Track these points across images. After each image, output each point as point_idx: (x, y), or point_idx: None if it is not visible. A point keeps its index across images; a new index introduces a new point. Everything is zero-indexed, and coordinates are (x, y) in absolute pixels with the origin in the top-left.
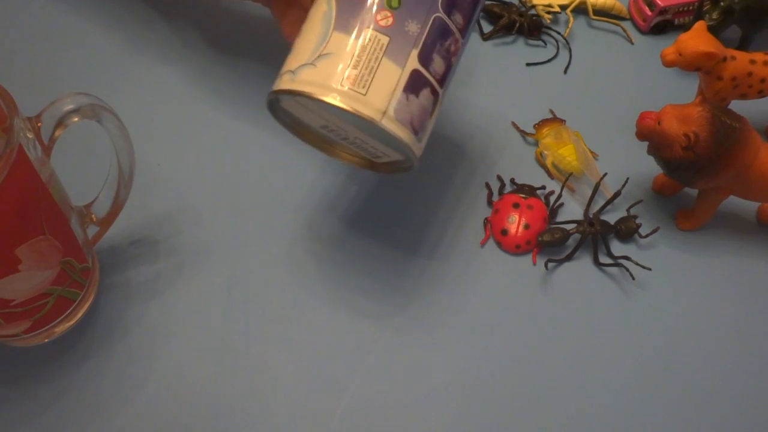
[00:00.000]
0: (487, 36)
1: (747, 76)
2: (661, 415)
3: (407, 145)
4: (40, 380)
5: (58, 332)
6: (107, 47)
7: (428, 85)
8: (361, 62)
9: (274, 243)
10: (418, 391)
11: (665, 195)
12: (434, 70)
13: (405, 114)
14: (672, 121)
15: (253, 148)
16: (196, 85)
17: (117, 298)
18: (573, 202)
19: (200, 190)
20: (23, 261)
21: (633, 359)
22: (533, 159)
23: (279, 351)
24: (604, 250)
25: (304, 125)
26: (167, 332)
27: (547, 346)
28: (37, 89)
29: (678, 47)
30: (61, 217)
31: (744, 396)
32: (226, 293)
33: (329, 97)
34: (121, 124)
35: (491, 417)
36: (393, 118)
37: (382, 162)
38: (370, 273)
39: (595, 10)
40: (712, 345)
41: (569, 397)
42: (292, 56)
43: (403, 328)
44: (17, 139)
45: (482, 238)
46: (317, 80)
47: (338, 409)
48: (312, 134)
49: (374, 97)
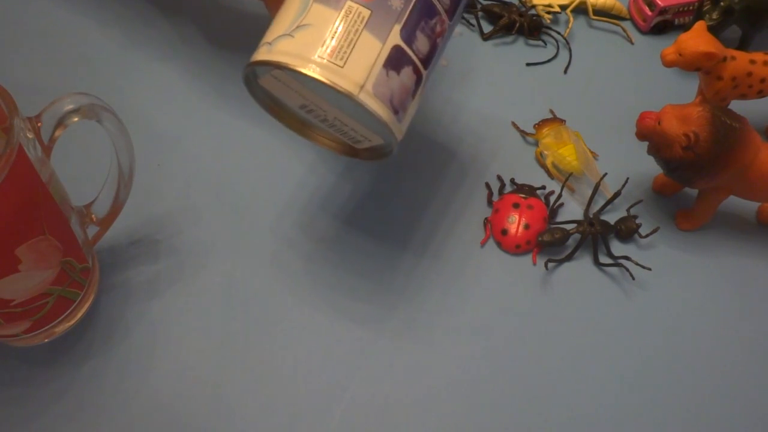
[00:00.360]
0: (487, 36)
1: (747, 76)
2: (661, 414)
3: (386, 123)
4: (40, 380)
5: (58, 332)
6: (107, 47)
7: (411, 63)
8: (340, 34)
9: (275, 243)
10: (417, 392)
11: (665, 195)
12: (417, 48)
13: (384, 90)
14: (672, 121)
15: (253, 148)
16: (196, 85)
17: (117, 298)
18: (573, 202)
19: (200, 190)
20: (23, 261)
21: (633, 359)
22: (533, 159)
23: (279, 351)
24: (604, 250)
25: (282, 105)
26: (167, 332)
27: (547, 346)
28: (37, 89)
29: (678, 47)
30: (61, 217)
31: (744, 396)
32: (226, 293)
33: (306, 69)
34: (121, 124)
35: (491, 417)
36: (371, 93)
37: (363, 148)
38: (370, 273)
39: (595, 10)
40: (712, 345)
41: (569, 397)
42: (271, 29)
43: (403, 329)
44: (17, 139)
45: (482, 238)
46: (294, 51)
47: (338, 409)
48: (291, 116)
49: (352, 70)
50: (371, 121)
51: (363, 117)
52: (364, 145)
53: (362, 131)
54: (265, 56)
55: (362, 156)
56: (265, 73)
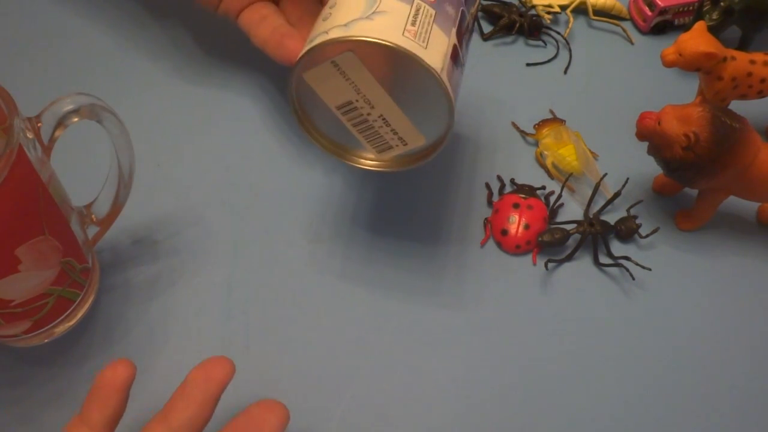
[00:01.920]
0: (487, 36)
1: (747, 77)
2: (660, 414)
3: (453, 108)
4: (40, 380)
5: (58, 332)
6: (107, 47)
7: (461, 64)
8: (418, 23)
9: (274, 243)
10: (418, 391)
11: (665, 195)
12: (462, 53)
13: (451, 79)
14: (672, 121)
15: (253, 149)
16: (196, 85)
17: (117, 298)
18: (573, 202)
19: (200, 190)
20: (23, 261)
21: (633, 359)
22: (533, 159)
23: (279, 351)
24: (604, 251)
25: (316, 108)
26: (167, 332)
27: (547, 346)
28: (37, 89)
29: (678, 47)
30: (61, 217)
31: (744, 396)
32: (226, 293)
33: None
34: (121, 124)
35: (491, 417)
36: (446, 78)
37: (390, 156)
38: (370, 273)
39: (595, 11)
40: (712, 345)
41: (569, 396)
42: (334, 17)
43: (402, 328)
44: (17, 139)
45: (482, 238)
46: (378, 29)
47: (338, 409)
48: (319, 121)
49: (433, 53)
50: (433, 111)
51: (424, 108)
52: (393, 152)
53: (405, 130)
54: (346, 33)
55: (388, 165)
56: (325, 61)
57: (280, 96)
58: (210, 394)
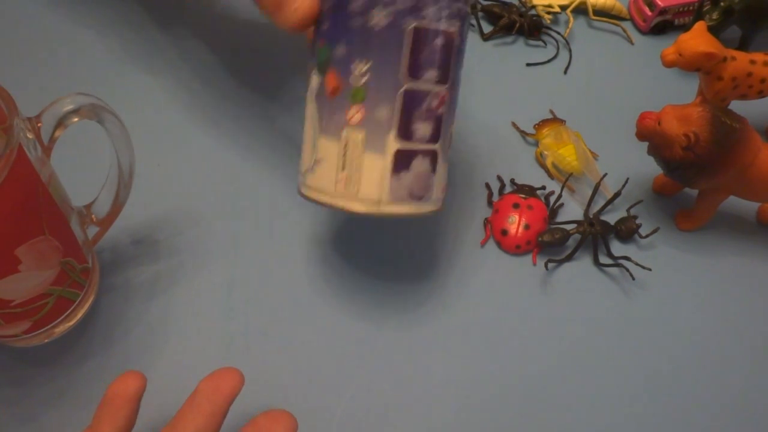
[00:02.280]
0: (487, 36)
1: (747, 77)
2: (660, 414)
3: (414, 214)
4: (40, 380)
5: (58, 332)
6: (107, 47)
7: (417, 153)
8: (347, 162)
9: (274, 243)
10: (418, 391)
11: (665, 195)
12: (420, 136)
13: (402, 191)
14: (672, 121)
15: (253, 149)
16: (196, 85)
17: (117, 298)
18: (573, 202)
19: (200, 190)
20: (23, 261)
21: (633, 359)
22: (533, 159)
23: (279, 351)
24: (604, 251)
25: None
26: (167, 332)
27: (547, 346)
28: (37, 89)
29: (678, 47)
30: (61, 217)
31: (744, 395)
32: (226, 293)
33: (332, 199)
34: (122, 124)
35: (491, 417)
36: (389, 202)
37: None
38: (370, 273)
39: (595, 11)
40: (713, 345)
41: (569, 397)
42: (302, 156)
43: (402, 328)
44: (17, 139)
45: (482, 238)
46: (318, 186)
47: (338, 409)
48: None
49: (367, 191)
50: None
51: None
52: None
53: None
54: (303, 190)
55: None
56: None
57: (281, 96)
58: (218, 405)
